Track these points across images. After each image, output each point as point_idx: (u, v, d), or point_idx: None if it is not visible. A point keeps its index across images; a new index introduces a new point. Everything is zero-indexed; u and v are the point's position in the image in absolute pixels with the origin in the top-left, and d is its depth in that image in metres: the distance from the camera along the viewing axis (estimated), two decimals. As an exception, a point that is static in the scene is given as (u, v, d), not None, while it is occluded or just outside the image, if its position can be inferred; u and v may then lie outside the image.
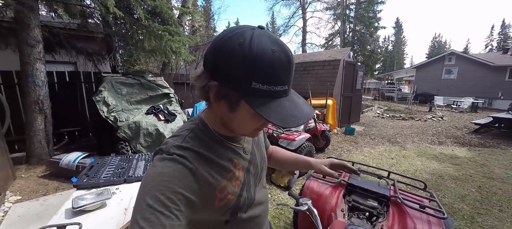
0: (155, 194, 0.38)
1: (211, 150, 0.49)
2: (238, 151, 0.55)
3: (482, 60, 13.38)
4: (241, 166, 0.55)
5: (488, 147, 4.95)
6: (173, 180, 0.41)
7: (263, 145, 0.70)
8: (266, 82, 0.38)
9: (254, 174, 0.60)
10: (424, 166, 3.67)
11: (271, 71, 0.38)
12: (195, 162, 0.44)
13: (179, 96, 6.43)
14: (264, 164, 0.67)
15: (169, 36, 3.29)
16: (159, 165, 0.42)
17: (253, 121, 0.45)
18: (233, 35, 0.39)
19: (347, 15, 17.40)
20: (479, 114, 10.04)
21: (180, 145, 0.46)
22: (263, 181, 0.67)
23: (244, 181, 0.55)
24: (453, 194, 2.81)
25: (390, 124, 7.40)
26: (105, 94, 3.26)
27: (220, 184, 0.48)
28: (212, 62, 0.41)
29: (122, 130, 2.86)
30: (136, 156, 1.84)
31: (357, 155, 4.10)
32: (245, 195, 0.55)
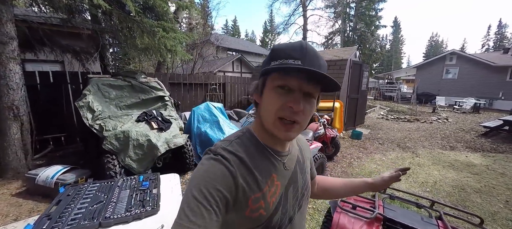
0: (200, 188, 0.43)
1: (253, 159, 0.51)
2: (278, 165, 0.55)
3: (483, 60, 13.24)
4: (280, 183, 0.54)
5: (501, 152, 4.70)
6: (216, 178, 0.45)
7: (307, 171, 0.67)
8: (280, 58, 0.46)
9: (294, 196, 0.58)
10: (442, 176, 3.38)
11: (282, 52, 0.47)
12: (236, 166, 0.48)
13: (176, 98, 6.05)
14: (307, 191, 0.64)
15: (163, 32, 2.91)
16: (206, 163, 0.48)
17: (273, 97, 0.48)
18: None
19: (348, 13, 17.09)
20: (482, 115, 9.88)
21: (226, 148, 0.50)
22: (304, 211, 0.64)
23: (280, 200, 0.53)
24: (482, 211, 2.52)
25: (396, 126, 7.13)
26: (90, 98, 2.87)
27: (254, 194, 0.48)
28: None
29: (108, 141, 2.48)
30: (120, 182, 1.48)
31: (369, 163, 3.79)
32: (279, 217, 0.53)
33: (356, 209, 1.41)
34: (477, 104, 10.84)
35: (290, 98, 0.46)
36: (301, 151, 0.67)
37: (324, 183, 0.80)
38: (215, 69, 11.43)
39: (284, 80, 0.47)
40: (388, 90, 17.17)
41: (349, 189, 0.78)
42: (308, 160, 0.69)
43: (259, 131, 0.55)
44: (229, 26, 46.72)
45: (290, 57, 0.45)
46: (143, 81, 3.51)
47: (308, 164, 0.69)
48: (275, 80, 0.48)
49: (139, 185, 1.45)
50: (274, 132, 0.50)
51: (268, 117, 0.49)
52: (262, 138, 0.55)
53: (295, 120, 0.48)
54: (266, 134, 0.54)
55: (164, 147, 2.57)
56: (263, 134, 0.54)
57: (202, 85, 6.77)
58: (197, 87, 6.65)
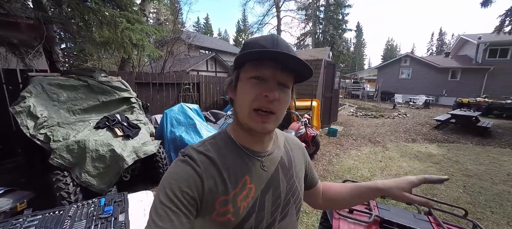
0: (166, 191, 0.42)
1: (224, 159, 0.49)
2: (255, 167, 0.51)
3: (430, 62, 15.24)
4: (254, 186, 0.49)
5: (452, 142, 5.37)
6: (180, 179, 0.43)
7: (297, 176, 0.59)
8: (251, 48, 0.45)
9: (273, 204, 0.51)
10: (411, 167, 3.67)
11: (254, 43, 0.46)
12: (203, 166, 0.46)
13: (144, 99, 5.44)
14: (295, 199, 0.56)
15: (126, 23, 2.50)
16: (173, 166, 0.47)
17: (248, 88, 0.46)
18: None
19: (318, 16, 17.95)
20: (431, 110, 11.31)
21: (196, 149, 0.49)
22: (291, 220, 0.55)
23: (254, 205, 0.48)
24: (448, 198, 2.78)
25: (365, 123, 7.66)
26: (31, 101, 2.32)
27: (220, 197, 0.46)
28: None
29: (57, 155, 2.01)
30: (72, 210, 1.16)
31: (347, 160, 3.92)
32: (252, 224, 0.47)
33: (353, 213, 1.35)
34: (427, 101, 12.38)
35: (265, 87, 0.46)
36: (288, 153, 0.60)
37: (329, 193, 0.70)
38: (188, 68, 10.80)
39: (257, 71, 0.46)
40: (354, 89, 18.57)
41: (357, 197, 0.65)
42: (299, 165, 0.62)
43: (235, 131, 0.54)
44: (201, 24, 45.12)
45: (259, 45, 0.46)
46: (103, 81, 3.01)
47: (298, 170, 0.60)
48: (248, 72, 0.47)
49: (100, 212, 1.14)
50: (250, 125, 0.48)
51: (243, 110, 0.48)
52: (238, 138, 0.53)
53: (271, 110, 0.46)
54: (243, 133, 0.52)
55: (132, 158, 2.20)
56: (239, 134, 0.53)
57: (174, 85, 6.26)
58: (169, 87, 6.13)
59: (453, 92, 14.12)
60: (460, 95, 12.42)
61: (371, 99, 15.82)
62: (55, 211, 1.15)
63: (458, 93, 13.45)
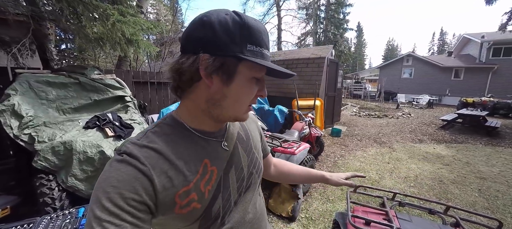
0: (102, 202, 0.34)
1: (175, 147, 0.43)
2: (213, 148, 0.48)
3: (433, 61, 15.06)
4: (216, 167, 0.47)
5: (460, 142, 5.19)
6: (121, 184, 0.36)
7: (255, 147, 0.60)
8: (258, 44, 0.41)
9: (238, 179, 0.51)
10: (420, 170, 3.49)
11: (259, 35, 0.41)
12: (149, 163, 0.39)
13: (142, 98, 5.28)
14: (256, 169, 0.58)
15: (118, 15, 2.34)
16: (107, 169, 0.38)
17: (249, 88, 0.44)
18: (213, 11, 0.41)
19: (319, 15, 17.80)
20: (435, 110, 11.12)
21: (135, 143, 0.41)
22: (254, 189, 0.57)
23: (219, 186, 0.47)
24: (464, 202, 2.59)
25: (369, 122, 7.47)
26: (15, 100, 2.15)
27: (180, 189, 0.41)
28: (198, 38, 0.40)
29: (41, 157, 1.84)
30: (43, 223, 0.99)
31: (353, 161, 3.74)
32: (220, 204, 0.47)
33: (370, 224, 1.17)
34: (430, 100, 12.18)
35: (260, 87, 0.46)
36: (243, 127, 0.60)
37: (282, 167, 0.79)
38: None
39: (260, 73, 0.44)
40: (356, 89, 18.39)
41: (306, 178, 0.79)
42: (254, 137, 0.62)
43: (192, 116, 0.47)
44: (201, 25, 45.06)
45: (264, 45, 0.43)
46: (96, 78, 2.85)
47: (255, 141, 0.61)
48: (252, 70, 0.43)
49: (75, 225, 0.97)
50: (239, 118, 0.48)
51: (242, 107, 0.46)
52: (192, 122, 0.47)
53: None
54: (206, 119, 0.48)
55: (124, 160, 2.03)
56: (199, 119, 0.48)
57: (173, 84, 6.09)
58: (167, 86, 5.95)
59: (456, 91, 13.91)
60: (463, 95, 12.20)
61: (373, 99, 15.63)
62: (24, 225, 0.98)
63: (462, 92, 13.24)
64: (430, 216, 1.69)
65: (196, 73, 0.41)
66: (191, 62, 0.40)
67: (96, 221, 0.33)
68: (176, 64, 0.42)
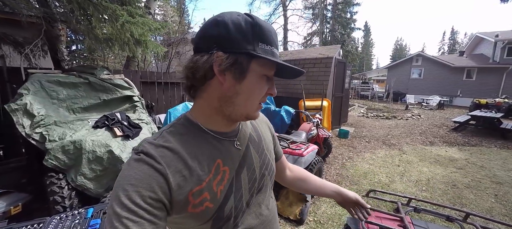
0: (121, 200, 0.36)
1: (189, 147, 0.44)
2: (226, 149, 0.49)
3: (443, 61, 14.63)
4: (228, 168, 0.48)
5: (474, 145, 5.00)
6: (139, 182, 0.37)
7: (267, 149, 0.60)
8: (269, 43, 0.43)
9: (250, 180, 0.52)
10: (432, 173, 3.37)
11: (270, 34, 0.43)
12: (165, 162, 0.40)
13: (149, 98, 5.34)
14: (268, 171, 0.58)
15: (127, 16, 2.36)
16: (126, 168, 0.40)
17: (260, 86, 0.45)
18: (226, 12, 0.43)
19: (325, 15, 17.61)
20: (446, 111, 10.79)
21: (152, 142, 0.43)
22: (266, 191, 0.58)
23: (231, 187, 0.48)
24: (479, 208, 2.48)
25: (377, 124, 7.32)
26: (28, 99, 2.20)
27: (193, 188, 0.42)
28: (212, 37, 0.41)
29: (52, 156, 1.87)
30: (53, 224, 0.99)
31: (361, 163, 3.66)
32: (232, 204, 0.47)
33: (384, 233, 1.12)
34: (441, 101, 11.83)
35: (270, 85, 0.47)
36: (255, 128, 0.60)
37: (301, 174, 0.77)
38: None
39: (271, 71, 0.46)
40: (363, 90, 18.07)
41: (321, 192, 0.75)
42: (266, 138, 0.62)
43: (205, 116, 0.48)
44: (207, 25, 45.41)
45: (274, 44, 0.44)
46: (105, 78, 2.89)
47: (267, 143, 0.62)
48: (263, 68, 0.44)
49: (84, 226, 0.97)
50: (250, 116, 0.48)
51: (253, 105, 0.46)
52: (206, 123, 0.48)
53: None
54: (219, 119, 0.48)
55: (132, 159, 2.04)
56: (212, 119, 0.48)
57: (180, 84, 6.14)
58: (174, 86, 6.00)
59: (468, 92, 13.46)
60: (476, 96, 11.78)
61: (381, 100, 15.32)
62: (34, 224, 0.98)
63: (474, 93, 12.79)
64: (448, 224, 1.61)
65: (210, 70, 0.42)
66: (205, 59, 0.41)
67: (115, 217, 0.35)
68: (190, 62, 0.43)
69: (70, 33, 7.04)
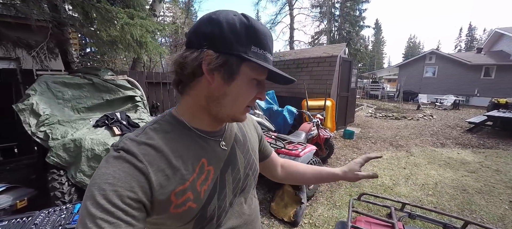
0: (96, 199, 0.34)
1: (173, 145, 0.43)
2: (211, 148, 0.48)
3: (459, 59, 13.92)
4: (212, 167, 0.47)
5: (489, 147, 4.71)
6: (117, 181, 0.35)
7: (252, 149, 0.60)
8: (262, 47, 0.42)
9: (234, 180, 0.51)
10: (441, 177, 3.20)
11: (264, 38, 0.42)
12: (147, 160, 0.39)
13: (155, 99, 5.47)
14: (252, 171, 0.58)
15: (127, 18, 2.42)
16: (103, 165, 0.38)
17: (249, 89, 0.44)
18: (222, 11, 0.42)
19: (333, 13, 17.27)
20: (461, 111, 10.25)
21: (133, 139, 0.41)
22: (249, 191, 0.57)
23: (215, 186, 0.47)
24: (490, 215, 2.32)
25: (385, 124, 7.08)
26: (34, 99, 2.31)
27: (176, 188, 0.41)
28: (204, 34, 0.40)
29: (53, 153, 1.95)
30: (40, 217, 1.02)
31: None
32: (215, 204, 0.47)
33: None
34: (456, 101, 11.27)
35: (260, 90, 0.46)
36: (241, 128, 0.60)
37: (290, 167, 0.76)
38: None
39: (262, 75, 0.45)
40: (373, 89, 17.56)
41: (316, 178, 0.73)
42: (252, 138, 0.62)
43: (192, 115, 0.47)
44: (215, 26, 45.88)
45: (268, 48, 0.43)
46: (108, 79, 2.98)
47: (253, 143, 0.61)
48: (254, 72, 0.43)
49: (68, 221, 1.00)
50: (237, 118, 0.47)
51: (239, 107, 0.46)
52: (193, 121, 0.47)
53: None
54: (206, 118, 0.47)
55: (129, 158, 2.09)
56: (199, 118, 0.47)
57: (184, 84, 6.24)
58: (179, 87, 6.12)
59: (486, 91, 12.73)
60: (495, 95, 11.09)
61: (391, 99, 14.81)
62: (23, 218, 1.02)
63: (493, 92, 12.06)
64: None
65: (199, 68, 0.41)
66: (195, 57, 0.40)
67: (89, 218, 0.33)
68: (180, 57, 0.42)
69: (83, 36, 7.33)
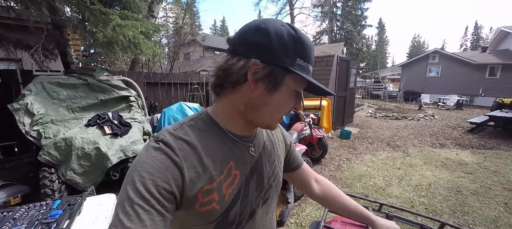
0: (136, 185, 0.36)
1: (206, 144, 0.44)
2: (240, 152, 0.49)
3: (463, 58, 13.67)
4: (239, 172, 0.47)
5: (490, 148, 4.62)
6: (155, 171, 0.37)
7: (278, 160, 0.59)
8: (307, 60, 0.43)
9: (257, 188, 0.51)
10: (436, 178, 3.16)
11: (309, 51, 0.43)
12: (182, 155, 0.41)
13: (153, 99, 5.54)
14: (276, 183, 0.57)
15: (118, 19, 2.45)
16: (144, 154, 0.40)
17: (288, 100, 0.45)
18: (270, 20, 0.42)
19: (334, 13, 17.16)
20: (465, 112, 10.08)
21: (172, 133, 0.43)
22: (271, 204, 0.57)
23: (239, 192, 0.47)
24: (483, 217, 2.28)
25: (385, 124, 7.01)
26: (29, 99, 2.37)
27: (204, 186, 0.42)
28: (252, 43, 0.41)
29: (45, 151, 2.00)
30: (20, 212, 1.05)
31: (359, 166, 3.52)
32: (238, 210, 0.47)
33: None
34: (460, 101, 11.08)
35: (297, 100, 0.47)
36: (269, 136, 0.59)
37: (330, 191, 0.71)
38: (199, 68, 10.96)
39: (303, 87, 0.45)
40: (375, 89, 17.39)
41: (352, 214, 0.70)
42: (280, 149, 0.61)
43: (226, 116, 0.48)
44: (217, 26, 46.11)
45: (311, 61, 0.44)
46: (103, 79, 3.03)
47: (279, 154, 0.60)
48: (296, 83, 0.44)
49: (45, 215, 1.02)
50: (271, 126, 0.48)
51: (276, 117, 0.46)
52: (226, 123, 0.48)
53: None
54: (240, 122, 0.48)
55: (118, 156, 2.13)
56: (233, 121, 0.48)
57: (183, 84, 6.29)
58: (177, 86, 6.17)
59: (491, 91, 12.47)
60: (500, 95, 10.87)
61: (394, 99, 14.65)
62: (4, 213, 1.05)
63: (498, 92, 11.81)
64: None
65: (243, 76, 0.41)
66: (241, 65, 0.41)
67: (128, 201, 0.35)
68: (225, 63, 0.42)
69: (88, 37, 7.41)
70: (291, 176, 0.69)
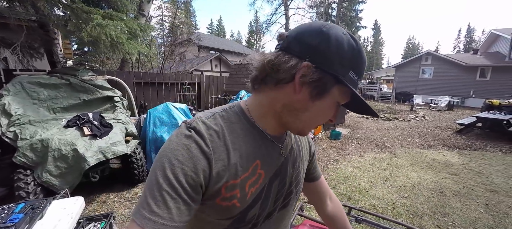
0: (166, 172, 0.36)
1: (236, 138, 0.43)
2: (268, 152, 0.46)
3: (455, 60, 13.91)
4: (264, 172, 0.46)
5: (476, 149, 4.71)
6: (185, 160, 0.37)
7: (302, 166, 0.58)
8: (358, 74, 0.41)
9: (278, 192, 0.49)
10: (420, 178, 3.20)
11: (363, 65, 0.41)
12: (212, 146, 0.40)
13: (143, 99, 5.48)
14: (297, 190, 0.55)
15: (100, 19, 2.41)
16: (174, 140, 0.39)
17: (329, 110, 0.43)
18: (333, 25, 0.40)
19: (330, 14, 17.27)
20: (455, 113, 10.25)
21: (204, 122, 0.42)
22: (289, 210, 0.55)
23: (261, 192, 0.45)
24: (462, 219, 2.31)
25: (376, 125, 7.08)
26: (7, 99, 2.31)
27: (228, 181, 0.41)
28: (309, 45, 0.39)
29: (20, 153, 1.95)
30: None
31: (345, 167, 3.54)
32: (256, 211, 0.45)
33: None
34: (451, 102, 11.27)
35: (336, 112, 0.45)
36: (297, 141, 0.57)
37: (341, 214, 0.70)
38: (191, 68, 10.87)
39: (346, 100, 0.43)
40: (369, 90, 17.54)
41: None
42: (305, 155, 0.59)
43: (256, 110, 0.46)
44: (214, 26, 45.93)
45: (362, 76, 0.43)
46: (86, 79, 2.98)
47: (304, 160, 0.59)
48: (342, 95, 0.42)
49: (5, 220, 1.00)
50: (300, 134, 0.47)
51: (313, 125, 0.45)
52: (257, 119, 0.46)
53: None
54: (272, 121, 0.46)
55: (97, 158, 2.09)
56: (265, 118, 0.46)
57: (174, 84, 6.24)
58: (168, 86, 6.12)
59: (482, 92, 12.71)
60: (490, 96, 11.09)
61: (386, 100, 14.81)
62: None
63: (488, 94, 12.05)
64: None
65: (291, 76, 0.40)
66: (293, 65, 0.39)
67: (157, 186, 0.35)
68: (275, 59, 0.40)
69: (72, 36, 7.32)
70: (308, 187, 0.67)
